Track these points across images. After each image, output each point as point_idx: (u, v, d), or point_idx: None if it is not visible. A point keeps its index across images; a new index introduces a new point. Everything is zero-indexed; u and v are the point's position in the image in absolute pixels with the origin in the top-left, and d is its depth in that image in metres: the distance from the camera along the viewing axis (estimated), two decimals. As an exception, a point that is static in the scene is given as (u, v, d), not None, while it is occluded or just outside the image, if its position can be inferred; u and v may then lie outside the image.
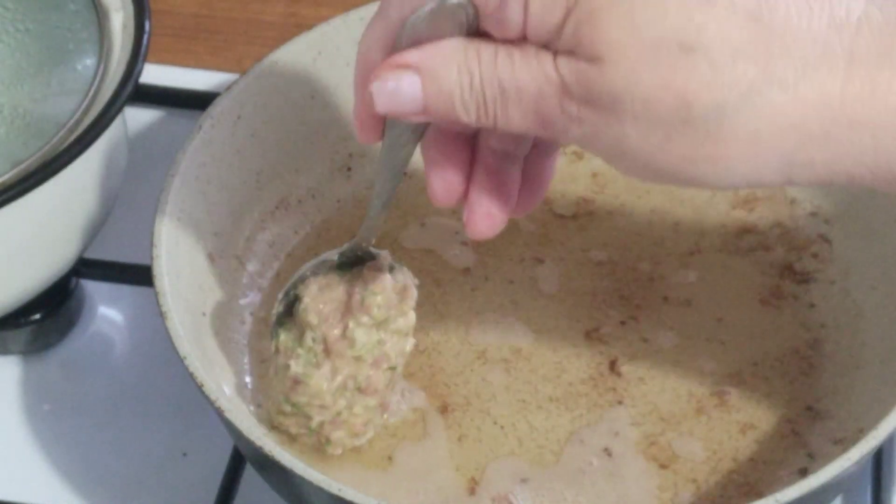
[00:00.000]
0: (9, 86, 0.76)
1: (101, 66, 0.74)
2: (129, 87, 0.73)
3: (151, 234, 0.71)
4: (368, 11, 0.80)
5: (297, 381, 0.69)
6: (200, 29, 0.98)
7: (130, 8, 0.76)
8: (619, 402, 0.73)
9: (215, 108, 0.77)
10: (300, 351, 0.69)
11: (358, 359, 0.69)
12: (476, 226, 0.64)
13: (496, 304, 0.78)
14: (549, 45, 0.56)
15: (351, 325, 0.69)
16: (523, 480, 0.71)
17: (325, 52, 0.80)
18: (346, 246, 0.70)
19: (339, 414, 0.70)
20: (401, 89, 0.58)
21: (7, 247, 0.72)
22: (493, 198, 0.64)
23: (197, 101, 0.87)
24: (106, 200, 0.77)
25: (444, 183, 0.64)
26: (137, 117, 0.90)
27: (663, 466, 0.71)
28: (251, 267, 0.78)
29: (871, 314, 0.75)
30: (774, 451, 0.72)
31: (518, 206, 0.65)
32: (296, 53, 0.79)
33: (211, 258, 0.76)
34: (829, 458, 0.67)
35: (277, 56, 0.79)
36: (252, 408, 0.72)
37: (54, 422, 0.79)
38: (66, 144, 0.71)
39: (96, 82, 0.74)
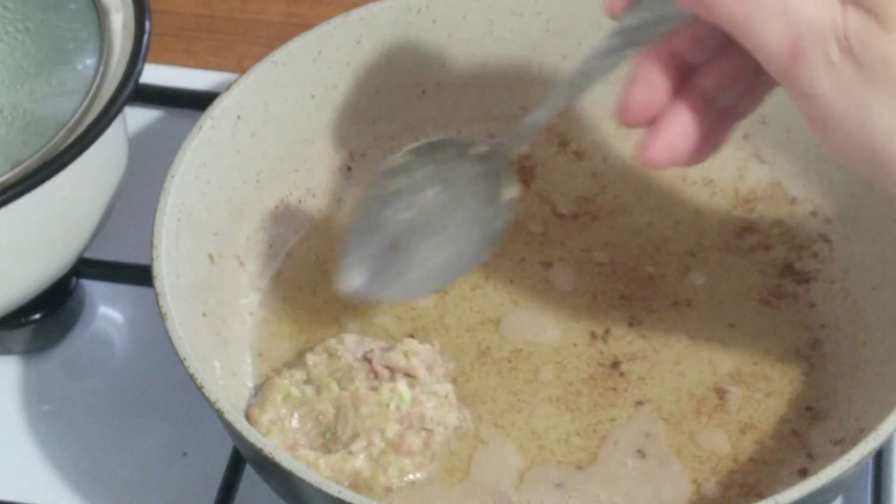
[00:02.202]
0: (9, 86, 0.76)
1: (101, 66, 0.74)
2: (129, 87, 0.73)
3: (151, 234, 0.71)
4: (368, 11, 0.80)
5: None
6: (200, 29, 0.98)
7: (130, 8, 0.76)
8: (639, 403, 0.74)
9: (215, 108, 0.77)
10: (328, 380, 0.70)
11: (380, 404, 0.69)
12: (654, 150, 0.64)
13: (496, 304, 0.78)
14: None
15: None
16: (558, 485, 0.71)
17: (325, 52, 0.80)
18: (493, 142, 0.68)
19: (349, 455, 0.70)
20: None
21: (7, 247, 0.72)
22: (680, 132, 0.63)
23: (197, 101, 0.87)
24: (106, 200, 0.77)
25: (643, 98, 0.63)
26: (137, 117, 0.90)
27: (662, 466, 0.71)
28: (251, 267, 0.78)
29: (871, 314, 0.75)
30: (774, 451, 0.72)
31: (690, 156, 0.65)
32: (296, 53, 0.79)
33: (211, 258, 0.76)
34: (829, 458, 0.67)
35: (277, 56, 0.79)
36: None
37: (54, 422, 0.78)
38: (66, 144, 0.70)
39: (96, 82, 0.73)
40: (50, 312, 0.80)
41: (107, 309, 0.83)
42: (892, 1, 0.55)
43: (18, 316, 0.79)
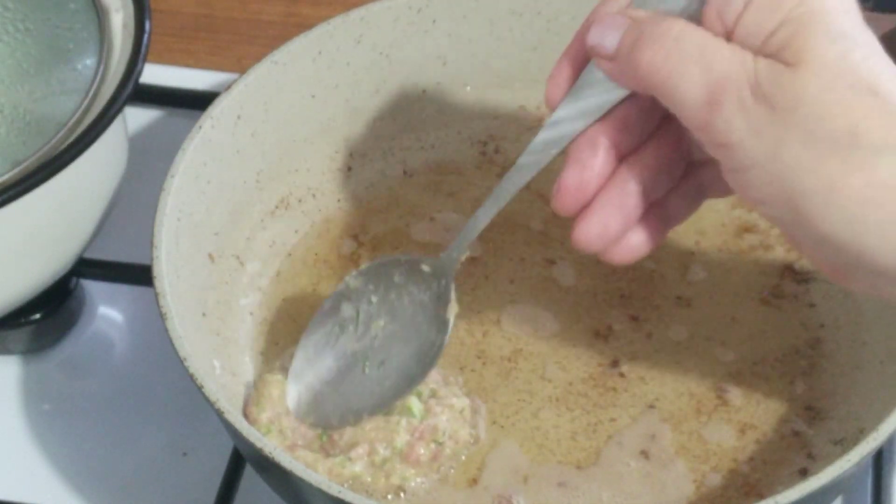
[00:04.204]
0: (9, 85, 0.76)
1: (101, 66, 0.74)
2: (129, 87, 0.73)
3: (151, 234, 0.71)
4: (368, 11, 0.80)
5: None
6: (200, 29, 0.98)
7: (130, 8, 0.76)
8: (640, 403, 0.74)
9: (215, 108, 0.77)
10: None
11: (388, 419, 0.69)
12: (587, 230, 0.66)
13: (496, 304, 0.78)
14: (751, 48, 0.60)
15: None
16: (560, 485, 0.71)
17: (325, 52, 0.80)
18: (439, 259, 0.70)
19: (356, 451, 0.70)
20: (613, 26, 0.63)
21: (7, 247, 0.72)
22: (612, 213, 0.66)
23: (197, 101, 0.87)
24: (106, 200, 0.77)
25: (577, 181, 0.65)
26: (137, 117, 0.90)
27: (663, 466, 0.71)
28: (251, 267, 0.78)
29: (871, 314, 0.75)
30: (774, 451, 0.72)
31: (621, 245, 0.67)
32: (296, 53, 0.79)
33: (211, 258, 0.76)
34: (829, 458, 0.67)
35: (277, 56, 0.79)
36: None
37: (54, 422, 0.79)
38: (66, 144, 0.71)
39: (96, 82, 0.74)
40: (50, 312, 0.80)
41: (107, 309, 0.83)
42: (796, 44, 0.59)
43: (18, 316, 0.79)
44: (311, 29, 0.80)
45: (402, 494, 0.70)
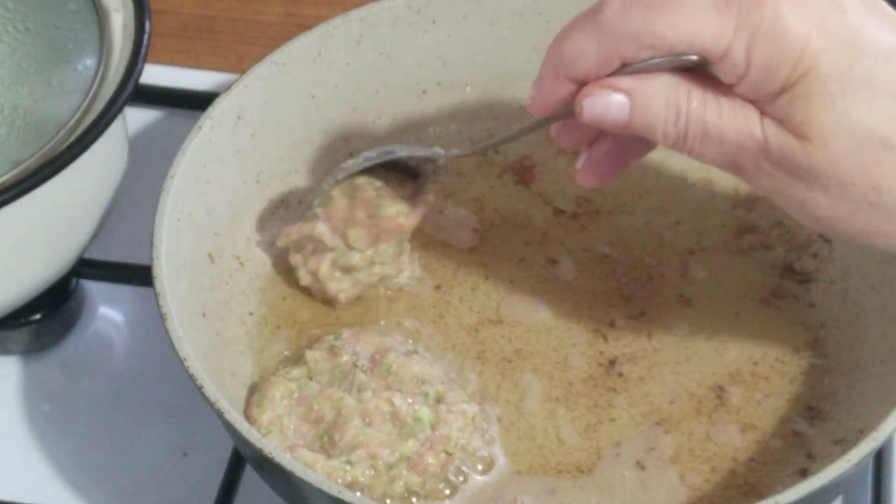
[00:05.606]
0: (9, 86, 0.76)
1: (101, 66, 0.74)
2: (129, 87, 0.73)
3: (151, 234, 0.71)
4: (368, 11, 0.80)
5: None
6: (200, 29, 0.98)
7: (130, 8, 0.76)
8: (638, 404, 0.74)
9: (215, 108, 0.77)
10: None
11: (395, 424, 0.69)
12: (587, 175, 0.70)
13: (496, 304, 0.78)
14: (756, 103, 0.62)
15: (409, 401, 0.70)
16: (551, 491, 0.71)
17: (325, 52, 0.80)
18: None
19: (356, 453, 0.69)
20: (609, 110, 0.64)
21: (7, 247, 0.72)
22: (607, 161, 0.69)
23: (197, 101, 0.87)
24: (106, 200, 0.77)
25: (572, 139, 0.70)
26: (137, 117, 0.90)
27: (661, 466, 0.71)
28: (251, 267, 0.78)
29: (871, 314, 0.75)
30: (774, 451, 0.72)
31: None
32: (296, 53, 0.79)
33: (211, 258, 0.76)
34: (829, 458, 0.67)
35: (277, 56, 0.79)
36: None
37: (54, 422, 0.79)
38: (66, 144, 0.71)
39: (96, 82, 0.74)
40: (50, 312, 0.80)
41: (107, 309, 0.83)
42: (797, 116, 0.61)
43: (18, 316, 0.79)
44: (311, 29, 0.80)
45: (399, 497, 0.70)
